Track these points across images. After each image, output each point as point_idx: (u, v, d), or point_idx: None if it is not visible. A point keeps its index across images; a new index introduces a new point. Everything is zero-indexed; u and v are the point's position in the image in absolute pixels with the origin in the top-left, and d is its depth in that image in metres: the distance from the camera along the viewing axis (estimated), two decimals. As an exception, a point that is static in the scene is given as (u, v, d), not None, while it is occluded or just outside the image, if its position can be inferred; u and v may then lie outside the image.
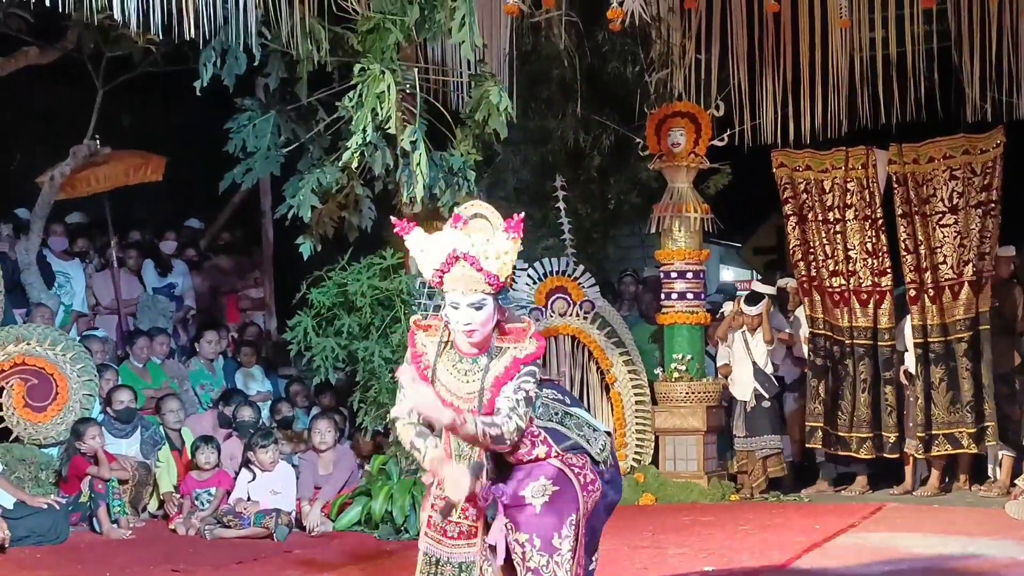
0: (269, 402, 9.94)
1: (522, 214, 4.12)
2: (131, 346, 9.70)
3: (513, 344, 4.16)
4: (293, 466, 8.45)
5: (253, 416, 9.10)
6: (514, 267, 4.12)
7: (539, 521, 4.08)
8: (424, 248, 4.12)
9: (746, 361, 9.53)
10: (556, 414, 4.24)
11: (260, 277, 11.67)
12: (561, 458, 4.14)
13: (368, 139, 7.22)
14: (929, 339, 9.31)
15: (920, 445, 9.28)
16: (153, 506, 8.61)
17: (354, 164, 7.46)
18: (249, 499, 7.98)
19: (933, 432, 9.23)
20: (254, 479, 8.05)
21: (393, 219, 4.27)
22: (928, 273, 9.32)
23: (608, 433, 4.35)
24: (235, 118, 8.01)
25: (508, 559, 4.15)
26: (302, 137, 8.08)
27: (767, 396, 9.47)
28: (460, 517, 4.22)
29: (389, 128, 7.27)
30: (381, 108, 7.17)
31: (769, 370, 9.55)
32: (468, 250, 4.02)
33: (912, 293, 9.36)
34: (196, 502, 8.19)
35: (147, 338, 9.70)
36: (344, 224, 8.31)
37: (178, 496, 8.36)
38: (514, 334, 4.18)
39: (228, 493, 8.15)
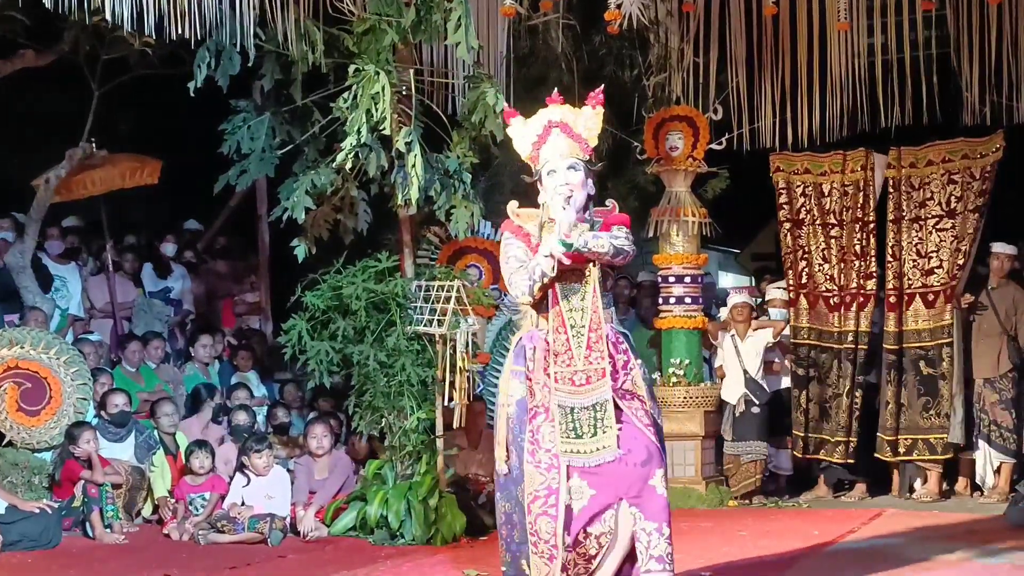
0: (265, 407, 9.89)
1: (601, 87, 5.03)
2: (124, 350, 9.64)
3: (602, 218, 4.97)
4: (288, 471, 8.40)
5: (248, 420, 9.06)
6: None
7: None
8: (521, 130, 4.99)
9: (736, 367, 9.49)
10: None
11: (256, 281, 11.64)
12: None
13: (363, 140, 7.18)
14: (905, 345, 9.29)
15: (889, 449, 9.31)
16: (147, 511, 8.55)
17: (348, 166, 7.42)
18: (243, 504, 7.92)
19: (911, 437, 9.22)
20: (248, 484, 8.00)
21: (505, 106, 5.27)
22: (911, 279, 9.31)
23: None
24: (230, 119, 7.97)
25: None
26: (297, 139, 8.05)
27: (757, 403, 9.43)
28: (585, 365, 4.85)
29: (384, 129, 7.24)
30: (376, 109, 7.13)
31: (760, 376, 9.51)
32: (560, 119, 4.91)
33: (892, 300, 9.36)
34: (190, 507, 8.14)
35: (140, 342, 9.65)
36: (339, 227, 8.27)
37: (172, 501, 8.31)
38: (600, 213, 5.00)
39: (223, 498, 8.09)
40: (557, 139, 4.93)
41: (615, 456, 4.82)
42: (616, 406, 4.90)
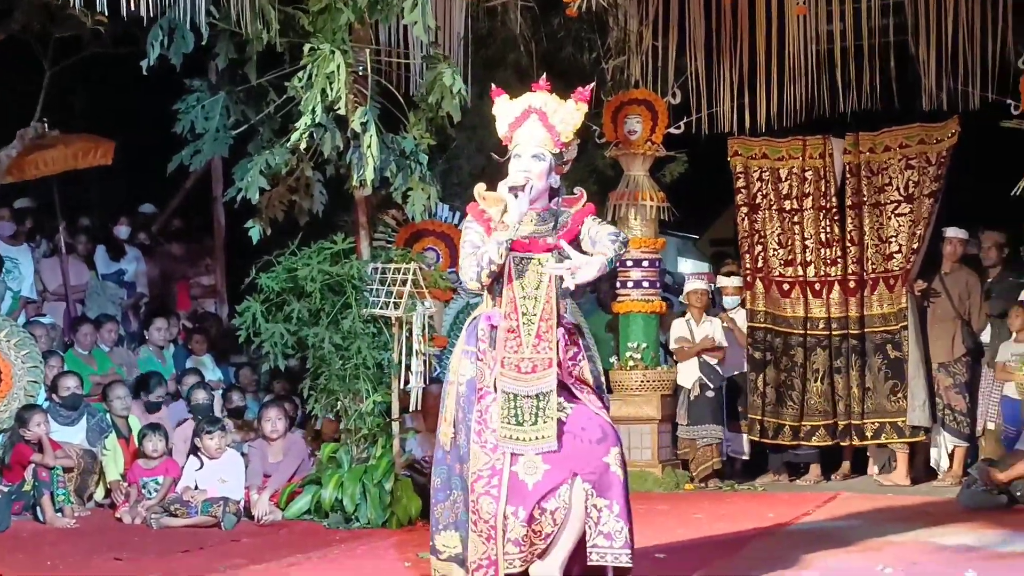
0: (220, 391, 9.81)
1: (591, 85, 5.06)
2: (76, 333, 9.53)
3: (568, 208, 4.98)
4: (242, 454, 8.33)
5: (207, 399, 8.98)
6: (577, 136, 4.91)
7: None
8: (503, 109, 4.95)
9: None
10: None
11: (212, 264, 11.54)
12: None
13: (318, 120, 7.11)
14: (868, 329, 9.36)
15: (855, 433, 9.39)
16: (99, 495, 8.45)
17: (303, 145, 7.34)
18: (196, 488, 7.85)
19: (878, 420, 9.29)
20: (201, 467, 7.93)
21: (493, 86, 5.07)
22: (874, 264, 9.38)
23: None
24: (183, 99, 7.88)
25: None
26: (252, 119, 7.95)
27: (712, 386, 9.45)
28: (532, 353, 4.83)
29: (339, 109, 7.17)
30: (331, 89, 7.05)
31: (713, 362, 9.53)
32: (541, 106, 4.85)
33: (852, 285, 9.41)
34: (143, 490, 8.05)
35: (92, 325, 9.54)
36: (294, 208, 8.20)
37: (125, 484, 8.22)
38: (568, 202, 5.00)
39: (176, 481, 8.01)
40: (532, 125, 4.89)
41: (553, 448, 4.81)
42: (568, 391, 4.92)
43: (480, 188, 5.04)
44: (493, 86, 5.11)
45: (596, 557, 4.84)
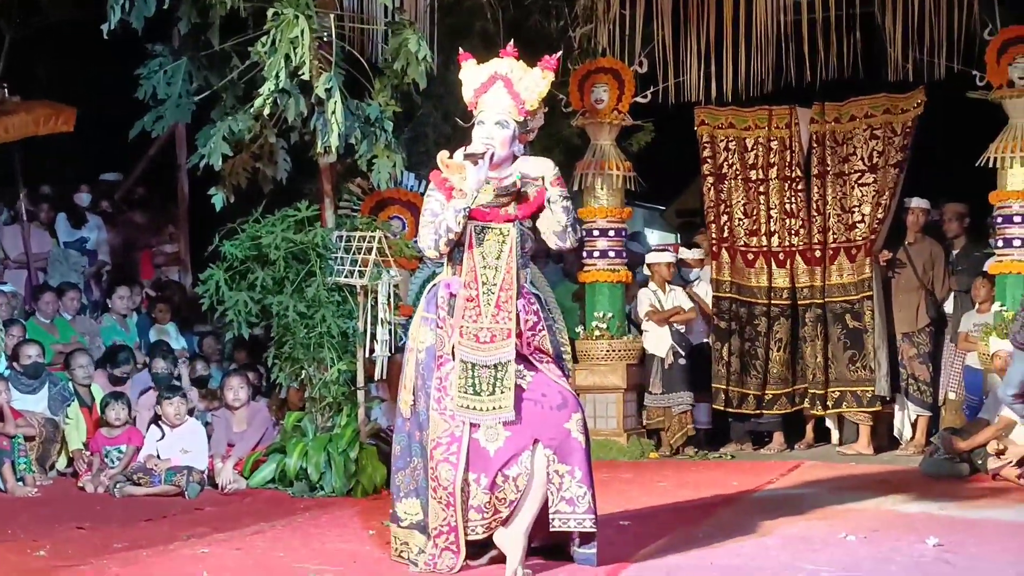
0: (185, 360, 9.73)
1: (558, 54, 5.13)
2: (38, 301, 9.43)
3: (533, 180, 4.97)
4: (206, 424, 8.28)
5: (168, 368, 8.92)
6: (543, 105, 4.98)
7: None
8: (470, 74, 5.01)
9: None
10: None
11: (175, 232, 11.44)
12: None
13: (281, 86, 7.06)
14: (828, 299, 9.41)
15: (818, 402, 9.45)
16: (62, 464, 8.38)
17: (267, 112, 7.28)
18: (159, 457, 7.80)
19: (839, 389, 9.34)
20: (163, 437, 7.87)
21: (460, 50, 5.10)
22: (836, 234, 9.41)
23: None
24: (146, 64, 7.80)
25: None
26: (215, 84, 7.89)
27: (683, 353, 9.48)
28: (491, 323, 4.88)
29: (303, 75, 7.11)
30: (295, 54, 7.00)
31: (684, 329, 9.56)
32: (507, 73, 4.91)
33: (816, 254, 9.45)
34: (106, 459, 8.00)
35: (53, 293, 9.44)
36: (258, 175, 8.14)
37: (87, 453, 8.16)
38: (538, 167, 4.99)
39: (139, 450, 7.96)
40: (497, 92, 4.94)
41: (510, 418, 4.85)
42: (527, 361, 4.94)
43: (443, 155, 5.03)
44: (461, 50, 5.10)
45: (559, 523, 4.86)
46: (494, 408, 4.86)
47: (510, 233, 4.97)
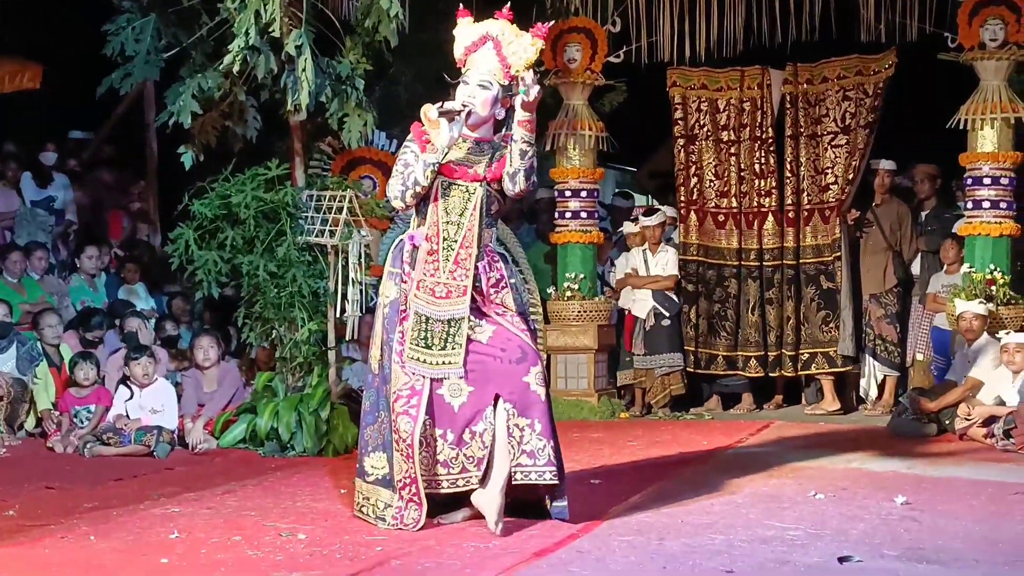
0: (153, 320, 9.68)
1: (551, 23, 5.24)
2: (5, 260, 9.33)
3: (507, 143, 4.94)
4: (176, 384, 8.24)
5: (139, 327, 8.87)
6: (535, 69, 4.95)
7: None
8: (463, 32, 5.01)
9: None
10: None
11: (144, 191, 11.33)
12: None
13: (251, 43, 6.99)
14: (802, 260, 9.43)
15: (789, 363, 9.49)
16: (30, 424, 8.32)
17: (236, 69, 7.20)
18: (128, 417, 7.76)
19: (808, 351, 9.39)
20: (132, 397, 7.82)
21: (461, 6, 5.09)
22: (810, 195, 9.42)
23: None
24: (113, 20, 7.68)
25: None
26: (184, 41, 7.78)
27: (667, 315, 9.48)
28: (448, 278, 4.92)
29: (273, 32, 7.05)
30: (265, 11, 6.93)
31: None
32: (498, 35, 4.91)
33: (790, 215, 9.47)
34: (75, 419, 7.95)
35: (22, 252, 9.35)
36: (228, 133, 8.06)
37: (56, 413, 8.12)
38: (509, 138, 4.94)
39: (108, 410, 7.92)
40: (485, 53, 4.97)
41: (459, 373, 4.92)
42: (487, 316, 5.00)
43: (427, 108, 5.02)
44: (461, 6, 5.11)
45: (520, 476, 4.92)
46: (444, 363, 4.93)
47: (476, 192, 5.01)
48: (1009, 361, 7.86)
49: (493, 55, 4.95)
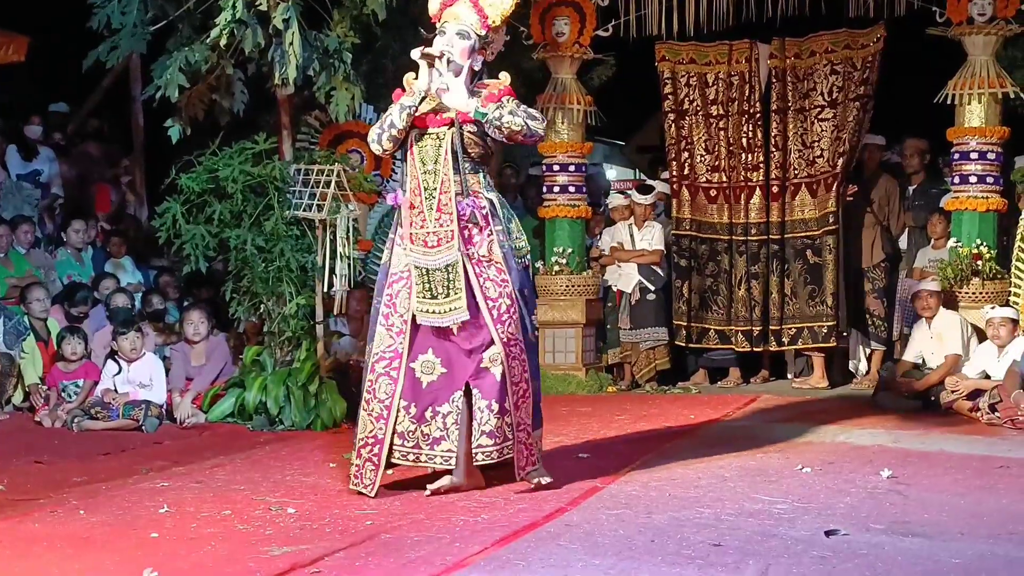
0: (140, 294, 9.66)
1: None
2: (-9, 234, 9.30)
3: (485, 89, 5.08)
4: (164, 358, 8.23)
5: (127, 303, 8.85)
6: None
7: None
8: None
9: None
10: None
11: (130, 165, 11.28)
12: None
13: (239, 16, 6.95)
14: (788, 235, 9.45)
15: (774, 338, 9.52)
16: (18, 398, 8.30)
17: (224, 42, 7.17)
18: (116, 391, 7.75)
19: (795, 326, 9.42)
20: (120, 371, 7.82)
21: None
22: (797, 169, 9.42)
23: None
24: (99, -9, 7.63)
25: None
26: (171, 14, 7.74)
27: (652, 289, 9.49)
28: (436, 227, 5.01)
29: (261, 5, 7.03)
30: (252, -17, 6.88)
31: (654, 265, 9.54)
32: None
33: (776, 190, 9.48)
34: (63, 394, 7.95)
35: (8, 226, 9.31)
36: (215, 107, 8.03)
37: (44, 388, 8.11)
38: (489, 86, 5.10)
39: (96, 385, 7.91)
40: (462, 6, 5.09)
41: (465, 317, 5.03)
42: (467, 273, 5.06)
43: (409, 76, 5.17)
44: None
45: (482, 457, 5.08)
46: (450, 309, 5.04)
47: (445, 136, 5.09)
48: (995, 336, 7.89)
49: (469, 8, 5.10)
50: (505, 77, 5.22)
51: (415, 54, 5.03)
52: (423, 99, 5.08)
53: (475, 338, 5.08)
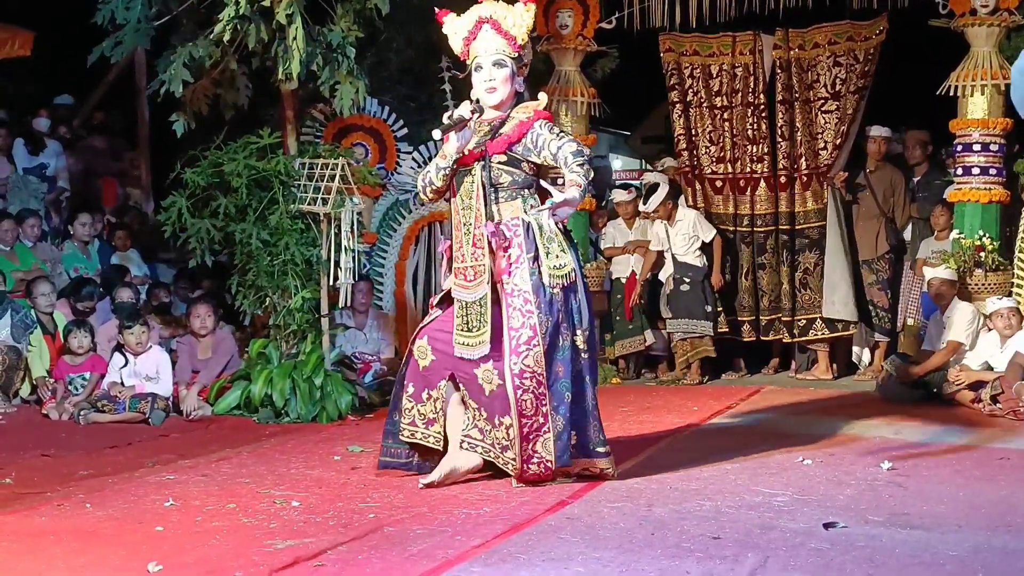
0: (146, 287, 9.71)
1: None
2: (-3, 228, 9.34)
3: (522, 113, 5.09)
4: (171, 351, 8.28)
5: (132, 297, 8.90)
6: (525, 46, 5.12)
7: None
8: (453, 27, 5.18)
9: (665, 248, 9.52)
10: None
11: (136, 159, 11.32)
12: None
13: (242, 11, 6.97)
14: (800, 225, 9.45)
15: (784, 329, 9.54)
16: (25, 391, 8.36)
17: (227, 38, 7.19)
18: (123, 385, 7.80)
19: (805, 317, 9.43)
20: (126, 364, 7.87)
21: (437, 10, 5.23)
22: (803, 160, 9.44)
23: None
24: (103, -13, 7.65)
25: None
26: (174, 10, 7.76)
27: (686, 281, 9.42)
28: (473, 261, 5.09)
29: (264, 1, 7.01)
30: (255, -21, 6.90)
31: (690, 258, 9.43)
32: (491, 15, 5.08)
33: (783, 180, 9.49)
34: (70, 387, 8.00)
35: (13, 220, 9.36)
36: (219, 102, 8.06)
37: (51, 381, 8.15)
38: (525, 108, 5.11)
39: (103, 378, 7.96)
40: (486, 35, 5.11)
41: (485, 351, 5.09)
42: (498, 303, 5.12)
43: (436, 133, 5.06)
44: (437, 10, 5.25)
45: (467, 445, 5.24)
46: (479, 343, 5.11)
47: (475, 171, 5.12)
48: (1007, 326, 7.88)
49: (494, 35, 5.10)
50: (544, 98, 5.22)
51: (436, 134, 5.00)
52: (456, 160, 5.12)
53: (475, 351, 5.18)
